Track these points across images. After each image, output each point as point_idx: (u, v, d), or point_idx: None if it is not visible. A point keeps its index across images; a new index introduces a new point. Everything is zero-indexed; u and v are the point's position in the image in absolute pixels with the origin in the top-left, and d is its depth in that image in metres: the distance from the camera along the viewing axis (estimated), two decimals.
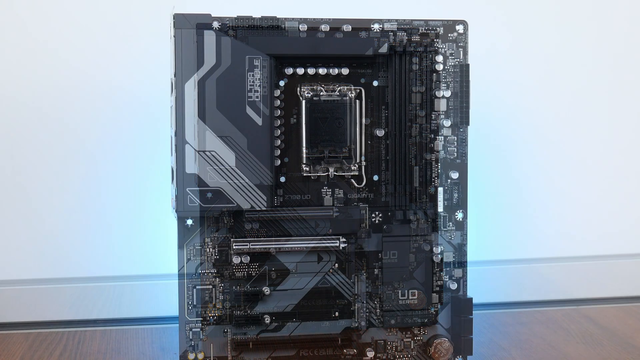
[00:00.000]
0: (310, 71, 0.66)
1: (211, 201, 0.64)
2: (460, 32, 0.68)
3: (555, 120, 0.93)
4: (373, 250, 0.68)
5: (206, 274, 0.66)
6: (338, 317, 0.68)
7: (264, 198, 0.64)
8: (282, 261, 0.67)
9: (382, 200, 0.68)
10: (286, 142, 0.66)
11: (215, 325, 0.66)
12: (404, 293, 0.68)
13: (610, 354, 0.75)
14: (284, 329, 0.67)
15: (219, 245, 0.66)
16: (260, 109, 0.64)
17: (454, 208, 0.68)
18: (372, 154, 0.67)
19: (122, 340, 0.79)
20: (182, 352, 0.66)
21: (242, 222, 0.65)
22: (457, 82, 0.67)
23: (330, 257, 0.67)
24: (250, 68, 0.64)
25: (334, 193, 0.67)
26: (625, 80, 0.95)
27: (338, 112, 0.66)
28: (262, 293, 0.66)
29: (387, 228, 0.67)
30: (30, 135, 0.84)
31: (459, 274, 0.69)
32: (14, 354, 0.76)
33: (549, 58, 0.93)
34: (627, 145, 0.96)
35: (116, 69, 0.85)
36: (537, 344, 0.79)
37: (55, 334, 0.81)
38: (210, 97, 0.63)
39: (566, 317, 0.87)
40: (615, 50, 0.94)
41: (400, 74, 0.66)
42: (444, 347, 0.68)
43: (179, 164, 0.63)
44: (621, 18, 0.94)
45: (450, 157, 0.68)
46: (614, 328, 0.83)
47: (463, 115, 0.67)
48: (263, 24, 0.65)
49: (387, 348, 0.68)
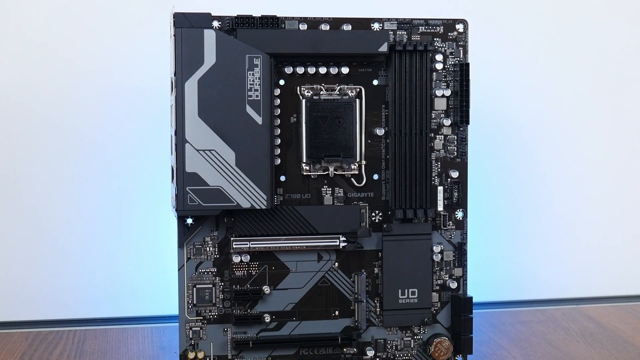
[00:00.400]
0: (310, 70, 0.66)
1: (211, 200, 0.64)
2: (460, 31, 0.68)
3: (556, 118, 0.93)
4: (373, 249, 0.68)
5: (206, 273, 0.66)
6: (338, 316, 0.68)
7: (264, 197, 0.64)
8: (282, 260, 0.67)
9: (382, 200, 0.68)
10: (286, 141, 0.66)
11: (215, 324, 0.66)
12: (404, 292, 0.68)
13: (610, 353, 0.75)
14: (284, 328, 0.67)
15: (219, 244, 0.66)
16: (260, 108, 0.64)
17: (454, 207, 0.68)
18: (372, 153, 0.67)
19: (122, 339, 0.79)
20: (182, 351, 0.66)
21: (242, 221, 0.65)
22: (457, 81, 0.67)
23: (330, 256, 0.67)
24: (250, 67, 0.64)
25: (334, 192, 0.67)
26: (628, 78, 0.95)
27: (338, 111, 0.66)
28: (262, 292, 0.66)
29: (387, 227, 0.67)
30: (29, 133, 0.84)
31: (459, 273, 0.69)
32: (14, 352, 0.76)
33: (550, 57, 0.93)
34: (629, 141, 0.95)
35: (116, 68, 0.85)
36: (537, 343, 0.79)
37: (56, 333, 0.81)
38: (210, 96, 0.63)
39: (566, 316, 0.87)
40: (616, 50, 0.94)
41: (400, 73, 0.66)
42: (444, 346, 0.68)
43: (179, 163, 0.63)
44: (622, 16, 0.94)
45: (450, 156, 0.68)
46: (614, 327, 0.83)
47: (463, 114, 0.67)
48: (263, 23, 0.65)
49: (387, 347, 0.68)
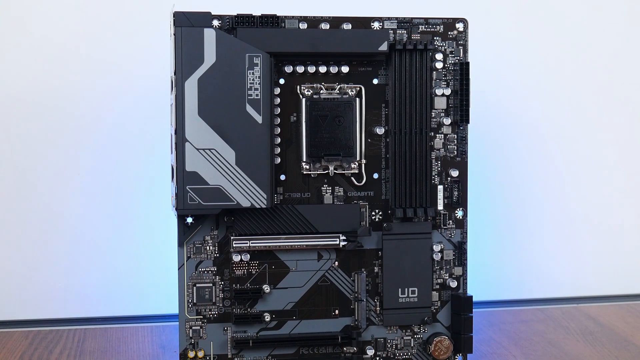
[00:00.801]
0: (310, 69, 0.66)
1: (211, 199, 0.64)
2: (460, 30, 0.68)
3: (556, 117, 0.93)
4: (373, 249, 0.68)
5: (206, 272, 0.66)
6: (338, 315, 0.68)
7: (264, 196, 0.64)
8: (282, 259, 0.67)
9: (382, 198, 0.68)
10: (286, 140, 0.66)
11: (215, 323, 0.66)
12: (404, 291, 0.68)
13: (610, 352, 0.75)
14: (284, 327, 0.67)
15: (219, 243, 0.66)
16: (260, 107, 0.64)
17: (454, 206, 0.68)
18: (372, 152, 0.67)
19: (122, 338, 0.79)
20: (182, 350, 0.66)
21: (242, 220, 0.65)
22: (457, 80, 0.67)
23: (330, 255, 0.67)
24: (250, 66, 0.64)
25: (334, 191, 0.67)
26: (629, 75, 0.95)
27: (338, 110, 0.66)
28: (262, 291, 0.66)
29: (387, 226, 0.67)
30: (29, 132, 0.84)
31: (459, 272, 0.69)
32: (14, 351, 0.76)
33: (550, 55, 0.93)
34: (629, 138, 0.95)
35: (116, 66, 0.85)
36: (536, 341, 0.79)
37: (56, 332, 0.81)
38: (210, 95, 0.63)
39: (566, 315, 0.87)
40: (616, 46, 0.94)
41: (400, 72, 0.66)
42: (444, 345, 0.68)
43: (179, 162, 0.63)
44: (622, 11, 0.94)
45: (450, 155, 0.68)
46: (613, 326, 0.83)
47: (463, 113, 0.67)
48: (263, 22, 0.65)
49: (387, 346, 0.68)
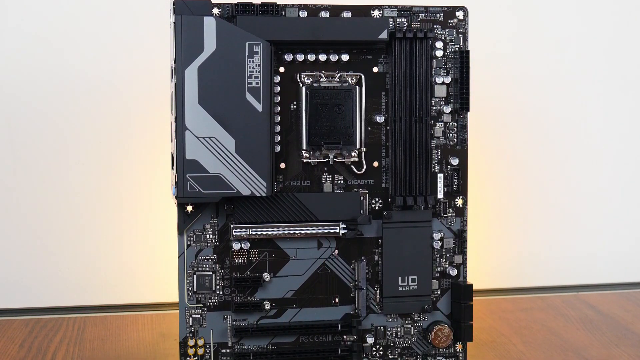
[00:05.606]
0: (310, 57, 0.66)
1: (211, 187, 0.64)
2: (460, 18, 0.68)
3: (555, 105, 0.93)
4: (373, 237, 0.68)
5: (206, 260, 0.66)
6: (338, 303, 0.68)
7: (264, 184, 0.64)
8: (282, 247, 0.67)
9: (382, 187, 0.68)
10: (286, 129, 0.66)
11: (215, 311, 0.66)
12: (404, 280, 0.68)
13: (610, 340, 0.76)
14: (284, 315, 0.67)
15: (219, 231, 0.66)
16: (260, 95, 0.64)
17: (453, 194, 0.68)
18: (372, 140, 0.67)
19: (122, 327, 0.80)
20: (182, 338, 0.66)
21: (242, 209, 0.65)
22: (457, 69, 0.67)
23: (330, 243, 0.67)
24: (250, 54, 0.64)
25: (334, 179, 0.67)
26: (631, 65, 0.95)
27: (338, 99, 0.66)
28: (262, 279, 0.66)
29: (387, 214, 0.67)
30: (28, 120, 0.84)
31: (459, 260, 0.69)
32: (14, 339, 0.76)
33: (550, 43, 0.93)
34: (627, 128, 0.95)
35: (116, 55, 0.85)
36: (537, 330, 0.79)
37: (55, 320, 0.82)
38: (210, 84, 0.63)
39: (566, 303, 0.87)
40: (616, 34, 0.94)
41: (400, 60, 0.66)
42: (444, 333, 0.68)
43: (179, 150, 0.63)
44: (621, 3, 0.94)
45: (450, 143, 0.68)
46: (613, 314, 0.84)
47: (463, 102, 0.67)
48: (263, 11, 0.65)
49: (387, 334, 0.69)
